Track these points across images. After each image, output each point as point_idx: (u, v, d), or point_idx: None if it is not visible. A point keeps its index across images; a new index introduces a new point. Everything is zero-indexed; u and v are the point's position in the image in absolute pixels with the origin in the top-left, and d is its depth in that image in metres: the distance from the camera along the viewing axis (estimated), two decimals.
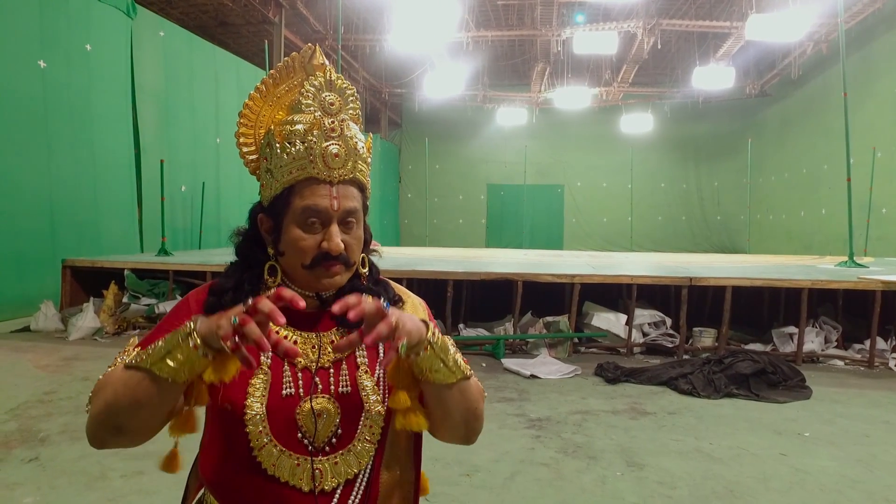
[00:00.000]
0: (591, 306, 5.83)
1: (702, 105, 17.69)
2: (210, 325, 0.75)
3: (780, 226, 16.01)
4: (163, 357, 0.77)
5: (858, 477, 2.83)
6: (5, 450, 2.96)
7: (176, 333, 0.78)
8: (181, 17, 12.65)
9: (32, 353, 5.03)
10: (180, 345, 0.76)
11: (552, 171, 19.53)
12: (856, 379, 4.76)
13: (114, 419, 0.82)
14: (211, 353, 0.76)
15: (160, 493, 2.49)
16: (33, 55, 6.67)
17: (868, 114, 11.20)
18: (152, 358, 0.77)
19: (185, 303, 0.96)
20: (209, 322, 0.76)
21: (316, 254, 0.89)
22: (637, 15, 12.97)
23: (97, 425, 0.84)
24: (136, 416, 0.81)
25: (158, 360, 0.77)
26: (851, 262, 6.94)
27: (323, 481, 0.88)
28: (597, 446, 3.18)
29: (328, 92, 0.91)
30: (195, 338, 0.76)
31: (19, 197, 6.52)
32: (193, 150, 9.65)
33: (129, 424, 0.82)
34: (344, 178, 0.90)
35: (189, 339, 0.76)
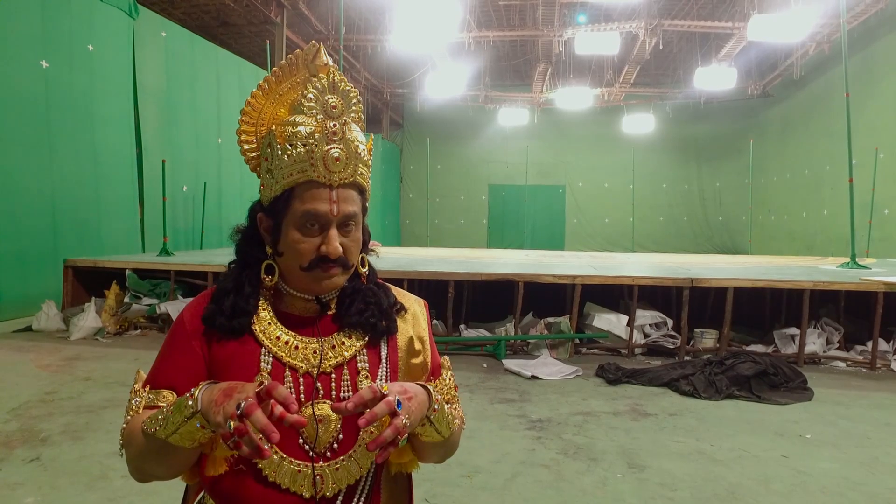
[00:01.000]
0: (592, 307, 5.82)
1: (703, 105, 17.68)
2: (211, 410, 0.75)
3: (781, 226, 15.99)
4: (174, 432, 0.79)
5: (860, 479, 2.82)
6: (7, 450, 2.96)
7: (181, 410, 0.78)
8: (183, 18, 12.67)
9: (34, 353, 5.04)
10: (186, 423, 0.78)
11: (554, 171, 19.52)
12: (858, 380, 4.75)
13: (149, 470, 0.88)
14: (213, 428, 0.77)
15: (160, 493, 2.48)
16: (36, 55, 6.68)
17: (870, 114, 11.18)
18: (164, 432, 0.80)
19: (181, 323, 0.95)
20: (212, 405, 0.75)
21: (314, 257, 0.89)
22: (639, 15, 12.96)
23: (136, 472, 0.90)
24: (167, 468, 0.87)
25: (170, 433, 0.79)
26: (853, 264, 6.92)
27: (324, 487, 0.88)
28: (598, 448, 3.17)
29: (331, 94, 0.91)
30: (198, 419, 0.77)
31: (21, 196, 6.54)
32: (195, 150, 9.67)
33: (162, 472, 0.88)
34: (344, 181, 0.90)
35: (194, 420, 0.77)
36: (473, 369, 4.87)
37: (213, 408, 0.75)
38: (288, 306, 0.96)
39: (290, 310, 0.96)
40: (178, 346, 0.92)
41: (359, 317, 0.95)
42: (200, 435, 0.78)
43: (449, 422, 0.91)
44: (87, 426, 3.30)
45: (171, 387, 0.89)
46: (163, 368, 0.92)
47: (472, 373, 4.74)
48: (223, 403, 0.74)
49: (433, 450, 0.95)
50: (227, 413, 0.72)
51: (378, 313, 0.96)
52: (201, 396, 0.77)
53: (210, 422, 0.75)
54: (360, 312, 0.95)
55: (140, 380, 0.92)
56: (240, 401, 0.72)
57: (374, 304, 0.97)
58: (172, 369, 0.91)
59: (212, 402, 0.75)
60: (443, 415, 0.89)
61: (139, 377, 0.93)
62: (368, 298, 0.97)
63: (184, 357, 0.91)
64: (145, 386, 0.91)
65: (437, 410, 0.87)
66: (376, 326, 0.96)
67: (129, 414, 0.88)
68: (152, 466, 0.86)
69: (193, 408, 0.77)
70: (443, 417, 0.89)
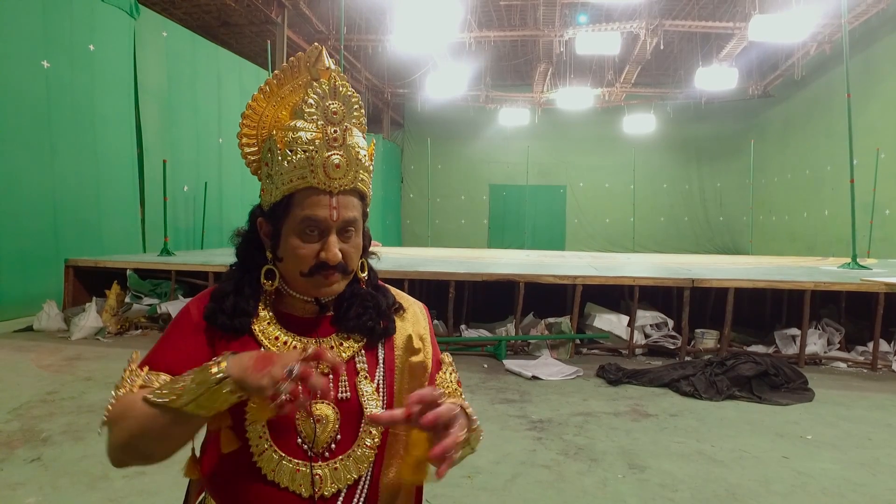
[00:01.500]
0: (592, 307, 5.82)
1: (704, 106, 17.67)
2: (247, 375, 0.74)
3: (782, 227, 15.98)
4: (192, 400, 0.76)
5: (861, 480, 2.82)
6: (8, 449, 2.96)
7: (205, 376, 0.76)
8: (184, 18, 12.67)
9: (35, 353, 5.04)
10: (212, 390, 0.76)
11: (554, 171, 19.52)
12: (859, 381, 4.74)
13: (143, 449, 0.83)
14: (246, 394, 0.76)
15: (161, 493, 2.49)
16: (37, 55, 6.69)
17: (872, 115, 11.17)
18: (182, 400, 0.77)
19: (187, 313, 0.95)
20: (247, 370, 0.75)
21: (314, 263, 0.89)
22: (640, 15, 12.96)
23: (122, 452, 0.84)
24: (167, 446, 0.83)
25: (188, 402, 0.77)
26: (854, 264, 6.91)
27: (323, 487, 0.88)
28: (598, 448, 3.17)
29: (332, 100, 0.90)
30: (230, 384, 0.75)
31: (23, 196, 6.54)
32: (196, 150, 9.67)
33: (158, 453, 0.84)
34: (344, 188, 0.89)
35: (224, 385, 0.75)
36: (474, 370, 4.87)
37: (250, 372, 0.74)
38: (288, 307, 0.96)
39: (290, 311, 0.96)
40: (182, 335, 0.92)
41: (357, 321, 0.95)
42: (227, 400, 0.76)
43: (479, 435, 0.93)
44: (88, 426, 3.31)
45: (169, 371, 0.87)
46: (163, 352, 0.90)
47: (472, 373, 4.74)
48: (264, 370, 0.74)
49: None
50: (275, 376, 0.73)
51: (376, 316, 0.97)
52: (229, 362, 0.77)
53: (248, 387, 0.74)
54: (358, 316, 0.96)
55: (135, 360, 0.90)
56: (287, 366, 0.73)
57: (373, 307, 0.97)
58: (174, 353, 0.90)
59: (246, 368, 0.75)
60: (478, 431, 0.91)
61: (134, 358, 0.91)
62: (367, 302, 0.97)
63: (187, 346, 0.90)
64: (143, 367, 0.89)
65: (474, 430, 0.88)
66: (374, 330, 0.96)
67: (121, 390, 0.85)
68: (147, 444, 0.82)
69: (221, 373, 0.75)
70: (477, 434, 0.91)
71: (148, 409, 0.79)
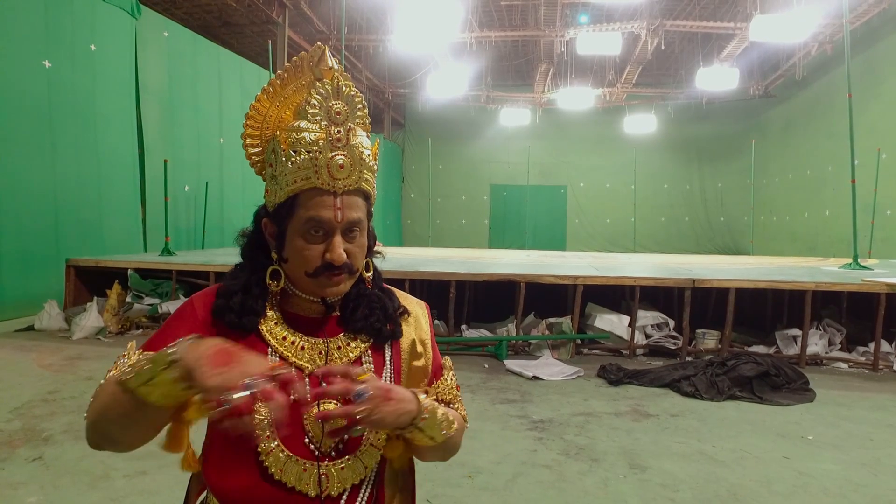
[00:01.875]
0: (593, 308, 5.82)
1: (705, 106, 17.66)
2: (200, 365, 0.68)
3: (783, 227, 15.97)
4: (145, 381, 0.72)
5: (863, 481, 2.81)
6: (9, 449, 2.97)
7: (161, 356, 0.71)
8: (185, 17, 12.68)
9: (36, 353, 5.05)
10: (162, 372, 0.71)
11: (555, 171, 19.52)
12: (860, 382, 4.74)
13: (105, 430, 0.81)
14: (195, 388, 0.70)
15: (162, 493, 2.49)
16: (38, 55, 6.69)
17: (873, 115, 11.16)
18: (136, 380, 0.72)
19: (190, 306, 0.94)
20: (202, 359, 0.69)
21: (319, 264, 0.89)
22: (641, 16, 12.96)
23: (92, 432, 0.83)
24: (126, 430, 0.80)
25: (142, 383, 0.72)
26: (856, 264, 6.91)
27: (329, 486, 0.88)
28: (599, 448, 3.17)
29: (335, 100, 0.90)
30: (177, 369, 0.70)
31: (24, 196, 6.55)
32: (197, 150, 9.67)
33: (119, 437, 0.81)
34: (349, 188, 0.89)
35: (171, 370, 0.70)
36: (475, 370, 4.87)
37: (203, 365, 0.68)
38: (294, 307, 0.96)
39: (297, 311, 0.96)
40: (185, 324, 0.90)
41: (364, 322, 0.96)
42: (174, 390, 0.70)
43: (442, 428, 0.91)
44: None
45: None
46: (164, 337, 0.87)
47: (473, 373, 4.75)
48: (222, 366, 0.68)
49: (430, 451, 0.96)
50: (228, 380, 0.67)
51: (383, 318, 0.97)
52: (185, 346, 0.71)
53: (195, 379, 0.68)
54: (365, 317, 0.96)
55: (132, 349, 0.90)
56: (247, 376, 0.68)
57: (380, 308, 0.97)
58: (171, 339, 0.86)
59: (201, 357, 0.69)
60: (434, 421, 0.89)
61: (131, 347, 0.90)
62: (374, 303, 0.97)
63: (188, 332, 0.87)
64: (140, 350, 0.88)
65: (426, 419, 0.87)
66: (381, 331, 0.97)
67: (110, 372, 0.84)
68: (111, 427, 0.79)
69: (173, 356, 0.70)
70: (434, 424, 0.89)
71: (113, 388, 0.76)
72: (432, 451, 0.96)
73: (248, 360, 0.72)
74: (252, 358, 0.72)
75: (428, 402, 0.90)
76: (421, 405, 0.87)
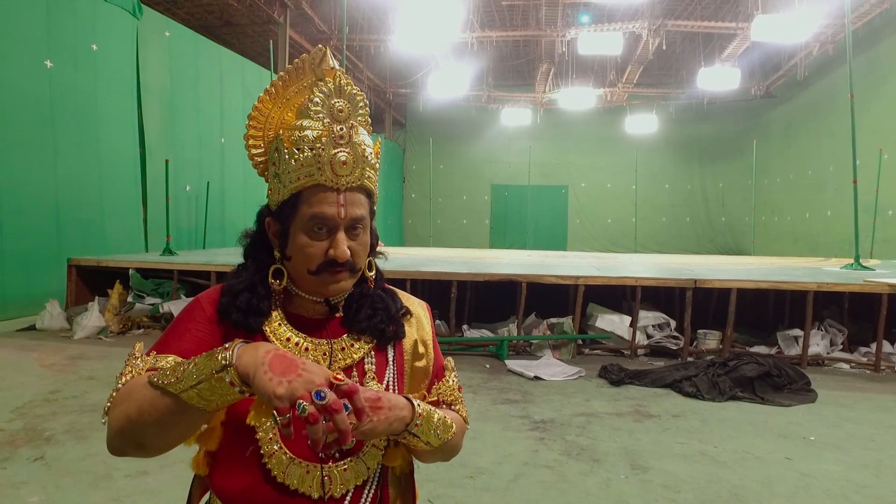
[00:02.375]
0: (595, 308, 5.82)
1: (707, 106, 17.65)
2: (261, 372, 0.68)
3: (785, 227, 15.95)
4: (194, 385, 0.72)
5: (865, 482, 2.81)
6: (11, 448, 2.97)
7: (210, 361, 0.71)
8: (186, 17, 12.69)
9: (38, 352, 5.05)
10: (213, 377, 0.71)
11: (556, 171, 19.51)
12: (862, 382, 4.73)
13: (137, 436, 0.79)
14: (249, 391, 0.70)
15: (164, 493, 2.49)
16: (40, 55, 6.70)
17: (874, 115, 11.15)
18: (181, 384, 0.72)
19: (198, 304, 0.94)
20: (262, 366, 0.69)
21: (322, 260, 0.89)
22: (642, 16, 12.95)
23: (118, 438, 0.80)
24: (161, 435, 0.78)
25: (188, 387, 0.72)
26: (857, 265, 6.90)
27: (332, 488, 0.88)
28: (601, 449, 3.17)
29: (337, 98, 0.91)
30: (233, 375, 0.70)
31: (26, 196, 6.56)
32: (198, 150, 9.68)
33: (152, 442, 0.80)
34: (351, 185, 0.90)
35: (225, 374, 0.70)
36: (476, 370, 4.87)
37: (263, 370, 0.68)
38: (297, 308, 0.96)
39: (300, 312, 0.96)
40: (193, 324, 0.90)
41: (367, 322, 0.96)
42: (228, 394, 0.71)
43: (438, 433, 0.91)
44: (90, 425, 3.31)
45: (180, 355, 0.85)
46: (173, 338, 0.88)
47: (474, 373, 4.74)
48: (285, 375, 0.68)
49: (430, 454, 0.96)
50: (294, 390, 0.66)
51: (387, 319, 0.97)
52: (238, 351, 0.71)
53: (257, 385, 0.68)
54: (368, 318, 0.96)
55: (139, 351, 0.88)
56: (312, 386, 0.67)
57: (383, 309, 0.97)
58: (184, 339, 0.87)
59: (260, 363, 0.69)
60: (429, 426, 0.89)
61: (137, 349, 0.88)
62: (377, 304, 0.97)
63: (198, 334, 0.89)
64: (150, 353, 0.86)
65: (419, 425, 0.87)
66: (385, 332, 0.97)
67: (125, 377, 0.82)
68: (146, 436, 0.78)
69: (228, 360, 0.70)
70: (429, 429, 0.89)
71: (149, 392, 0.75)
72: (431, 454, 0.96)
73: (311, 368, 0.70)
74: (313, 366, 0.71)
75: (423, 407, 0.89)
76: (415, 411, 0.87)
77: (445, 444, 0.93)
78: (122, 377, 0.83)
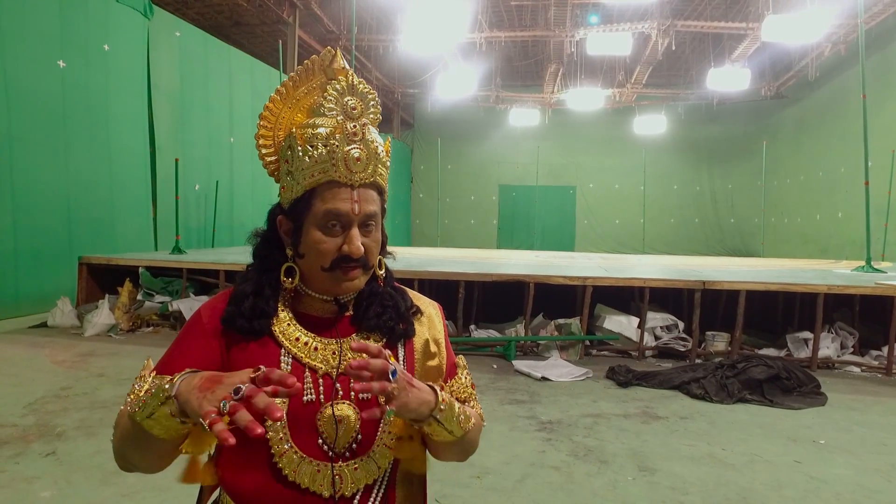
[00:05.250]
0: (602, 309, 5.80)
1: (716, 107, 17.53)
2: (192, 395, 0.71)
3: (795, 229, 15.81)
4: (148, 416, 0.76)
5: (876, 486, 2.78)
6: (24, 443, 3.01)
7: (159, 390, 0.75)
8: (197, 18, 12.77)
9: (49, 349, 5.11)
10: (159, 408, 0.75)
11: (564, 172, 19.46)
12: (873, 386, 4.69)
13: (126, 458, 0.87)
14: (189, 421, 0.74)
15: (173, 489, 2.51)
16: (53, 55, 6.77)
17: (887, 116, 11.03)
18: (140, 414, 0.77)
19: (197, 318, 0.95)
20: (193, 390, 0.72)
21: (335, 257, 0.90)
22: (651, 16, 12.89)
23: (117, 457, 0.88)
24: (144, 457, 0.84)
25: (145, 417, 0.77)
26: (869, 267, 6.84)
27: (343, 487, 0.89)
28: (608, 450, 3.16)
29: (350, 96, 0.91)
30: (172, 404, 0.74)
31: (38, 194, 6.63)
32: (208, 149, 9.74)
33: (139, 463, 0.86)
34: (365, 181, 0.91)
35: (167, 405, 0.74)
36: (483, 370, 4.87)
37: (194, 394, 0.71)
38: (306, 308, 0.97)
39: (309, 311, 0.97)
40: (194, 341, 0.92)
41: (377, 320, 0.96)
42: (172, 424, 0.75)
43: (460, 421, 0.91)
44: (100, 422, 3.34)
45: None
46: (174, 358, 0.91)
47: (482, 374, 4.74)
48: (209, 390, 0.71)
49: (450, 449, 0.96)
50: (217, 397, 0.69)
51: (396, 317, 0.97)
52: (180, 383, 0.74)
53: (189, 409, 0.71)
54: (378, 316, 0.96)
55: (148, 367, 0.91)
56: (235, 385, 0.69)
57: (392, 307, 0.97)
58: (184, 359, 0.89)
59: (192, 388, 0.72)
60: (452, 414, 0.89)
61: (147, 365, 0.91)
62: (386, 302, 0.97)
63: (198, 352, 0.91)
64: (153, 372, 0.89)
65: (443, 410, 0.88)
66: (394, 330, 0.97)
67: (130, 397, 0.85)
68: (131, 453, 0.84)
69: (168, 392, 0.74)
70: (452, 416, 0.89)
71: (126, 419, 0.81)
72: (451, 449, 0.96)
73: (232, 375, 0.73)
74: (235, 374, 0.74)
75: (445, 395, 0.90)
76: (438, 397, 0.88)
77: (465, 436, 0.94)
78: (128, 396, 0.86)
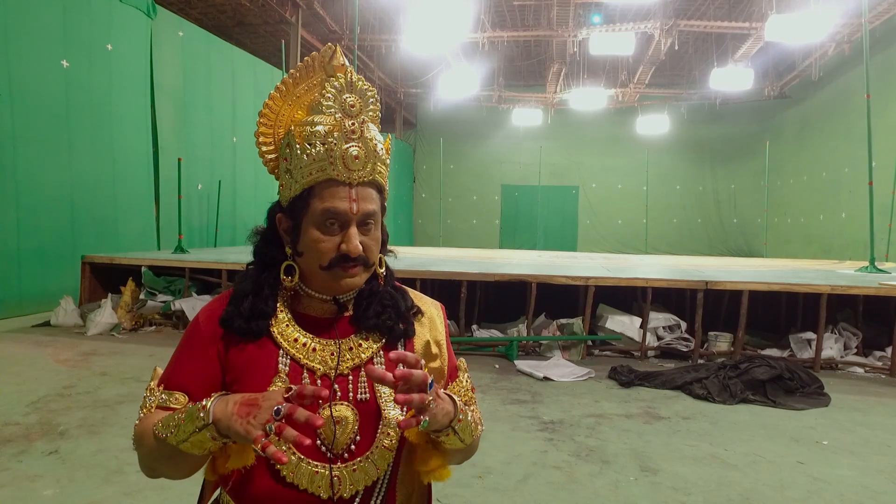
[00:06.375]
0: (605, 309, 5.79)
1: (719, 107, 17.50)
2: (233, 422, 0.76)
3: (798, 229, 15.77)
4: (184, 440, 0.80)
5: (880, 487, 2.77)
6: (27, 442, 3.01)
7: (192, 422, 0.79)
8: (200, 17, 12.80)
9: (52, 348, 5.12)
10: (196, 434, 0.79)
11: (567, 172, 19.44)
12: (876, 387, 4.67)
13: (156, 470, 0.91)
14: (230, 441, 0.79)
15: (175, 488, 2.51)
16: (57, 55, 6.79)
17: (891, 116, 10.98)
18: (176, 438, 0.81)
19: (196, 325, 0.95)
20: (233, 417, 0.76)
21: (334, 255, 0.89)
22: (654, 15, 12.86)
23: (146, 469, 0.93)
24: (176, 469, 0.89)
25: (181, 441, 0.80)
26: (872, 268, 6.81)
27: (341, 489, 0.88)
28: (610, 450, 3.16)
29: (349, 93, 0.91)
30: (212, 430, 0.78)
31: (41, 193, 6.65)
32: (210, 149, 9.76)
33: (171, 474, 0.91)
34: (363, 179, 0.90)
35: (207, 431, 0.78)
36: (485, 370, 4.87)
37: (234, 419, 0.76)
38: (306, 308, 0.96)
39: (308, 311, 0.96)
40: (193, 351, 0.93)
41: (376, 319, 0.95)
42: (212, 445, 0.80)
43: (472, 429, 0.92)
44: (103, 421, 3.35)
45: (183, 389, 0.91)
46: (176, 371, 0.93)
47: (484, 373, 4.74)
48: (249, 415, 0.75)
49: (454, 455, 0.96)
50: (260, 421, 0.74)
51: (395, 316, 0.96)
52: (213, 409, 0.78)
53: (230, 433, 0.76)
54: (377, 315, 0.95)
55: (156, 377, 0.94)
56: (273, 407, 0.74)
57: (392, 306, 0.97)
58: (185, 373, 0.93)
59: (231, 415, 0.77)
60: (466, 423, 0.90)
61: (156, 374, 0.94)
62: (386, 301, 0.97)
63: (197, 362, 0.92)
64: (160, 385, 0.93)
65: (461, 420, 0.88)
66: (394, 329, 0.96)
67: (143, 412, 0.91)
68: (163, 467, 0.89)
69: (205, 420, 0.78)
70: (466, 426, 0.90)
71: (153, 440, 0.85)
72: (456, 455, 0.96)
73: (268, 396, 0.78)
74: (269, 394, 0.78)
75: (461, 403, 0.91)
76: (457, 407, 0.88)
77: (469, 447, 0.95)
78: (142, 410, 0.92)
